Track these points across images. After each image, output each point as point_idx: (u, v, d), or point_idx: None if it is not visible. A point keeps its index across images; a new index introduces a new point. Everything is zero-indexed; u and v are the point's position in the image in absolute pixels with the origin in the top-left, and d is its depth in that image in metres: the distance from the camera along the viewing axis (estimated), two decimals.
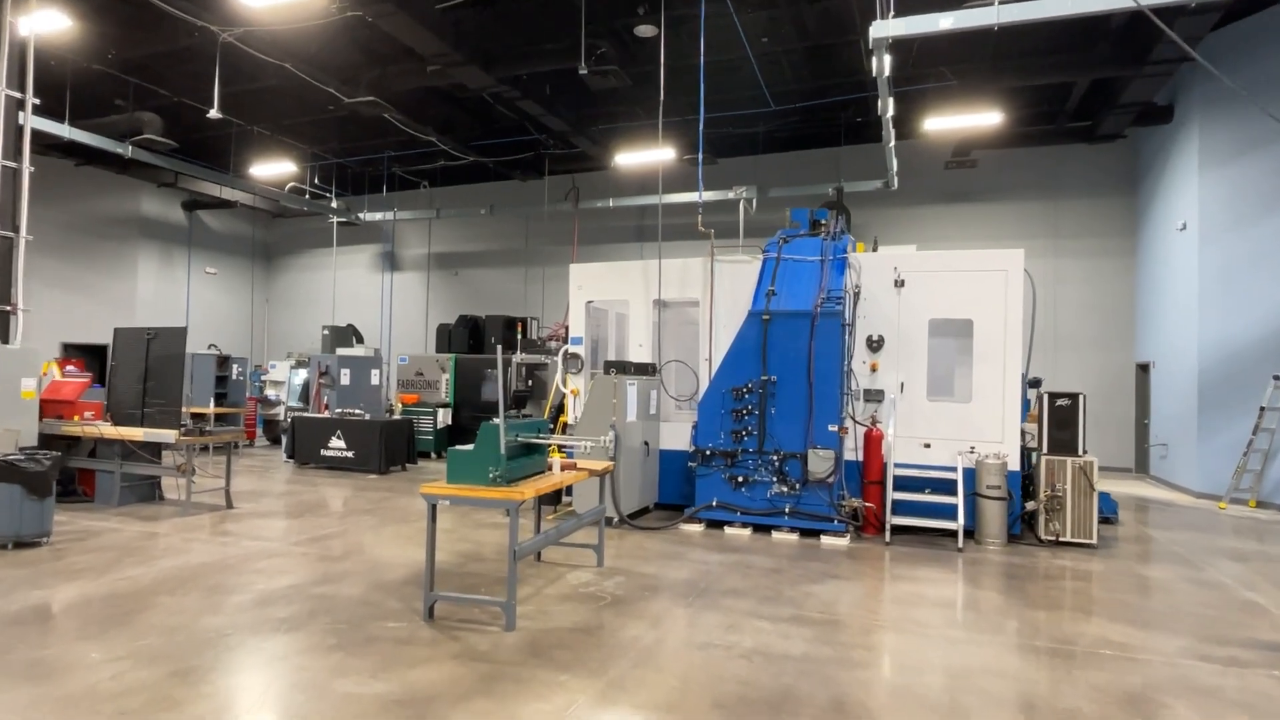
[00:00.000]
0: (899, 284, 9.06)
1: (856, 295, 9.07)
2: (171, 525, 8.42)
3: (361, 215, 20.58)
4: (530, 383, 14.74)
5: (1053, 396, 8.53)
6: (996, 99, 13.34)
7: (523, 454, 5.74)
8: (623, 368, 8.99)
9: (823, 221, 10.16)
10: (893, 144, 12.86)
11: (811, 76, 14.33)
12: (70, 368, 14.73)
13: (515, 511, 5.22)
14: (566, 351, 10.38)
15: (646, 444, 9.45)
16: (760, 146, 17.49)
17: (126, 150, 14.70)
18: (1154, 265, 14.41)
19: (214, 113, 12.09)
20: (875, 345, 9.11)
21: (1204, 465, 11.97)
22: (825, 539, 8.35)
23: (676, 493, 9.82)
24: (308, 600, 5.77)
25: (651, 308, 10.11)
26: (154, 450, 9.38)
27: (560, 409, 14.36)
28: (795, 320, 8.66)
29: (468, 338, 16.64)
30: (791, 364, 8.64)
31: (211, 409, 14.60)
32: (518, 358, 15.06)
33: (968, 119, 13.43)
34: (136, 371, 9.24)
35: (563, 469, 6.24)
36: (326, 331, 18.20)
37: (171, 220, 20.90)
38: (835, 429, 8.48)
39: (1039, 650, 5.07)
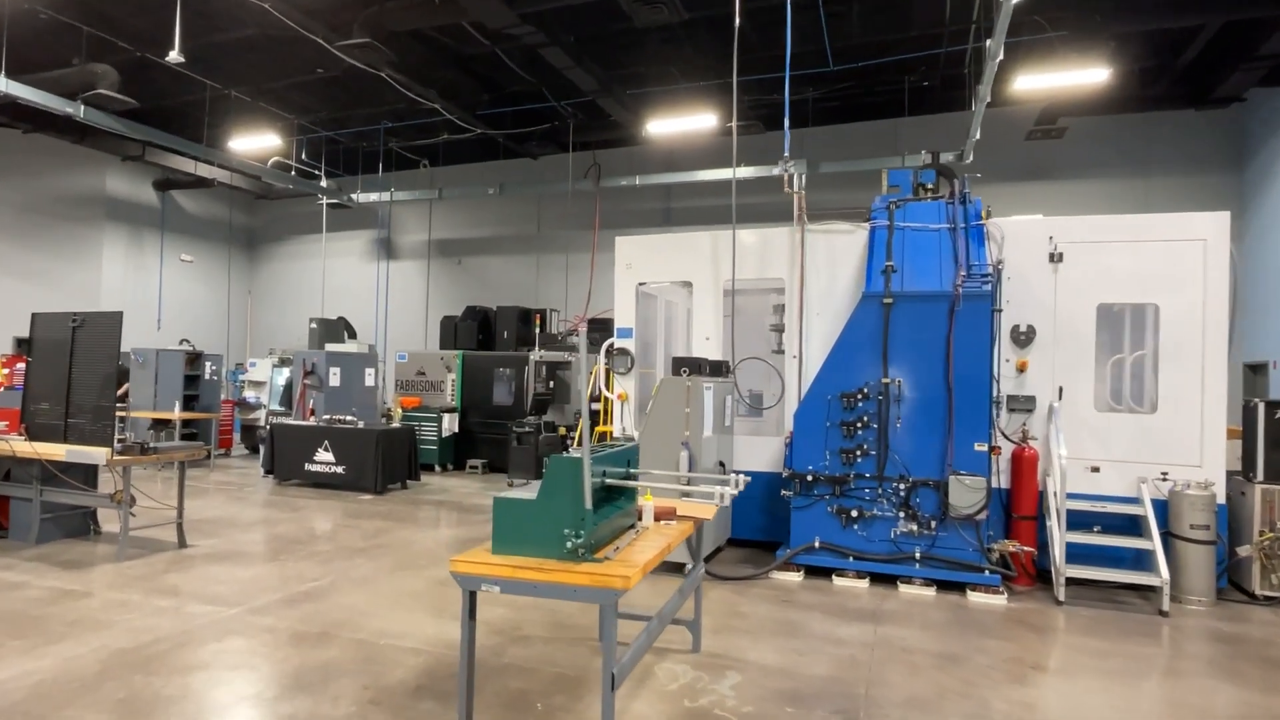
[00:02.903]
0: (1055, 258, 6.98)
1: (998, 273, 6.99)
2: (98, 576, 6.28)
3: (354, 196, 18.40)
4: (552, 384, 12.63)
5: (1271, 406, 6.46)
6: (1103, 52, 11.28)
7: (607, 502, 3.64)
8: (696, 366, 6.89)
9: (928, 185, 8.09)
10: (987, 99, 10.79)
11: (880, 28, 12.23)
12: (21, 365, 12.53)
13: (613, 609, 3.12)
14: (612, 347, 8.28)
15: (722, 465, 7.35)
16: (810, 117, 15.39)
17: (78, 110, 12.51)
18: (1270, 253, 12.36)
19: (174, 56, 9.93)
20: (1023, 338, 7.03)
21: None
22: (974, 595, 6.27)
23: (753, 526, 7.74)
24: None
25: (722, 291, 8.00)
26: (87, 471, 7.25)
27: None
28: (927, 304, 6.58)
29: (476, 332, 14.51)
30: (923, 362, 6.56)
31: (177, 414, 12.44)
32: (536, 355, 12.96)
33: (1068, 76, 11.37)
34: (59, 370, 7.09)
35: (659, 517, 4.14)
36: (314, 325, 16.04)
37: (141, 201, 18.68)
38: (984, 448, 6.40)
39: None
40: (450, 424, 13.18)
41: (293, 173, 17.26)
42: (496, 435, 13.04)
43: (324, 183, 17.91)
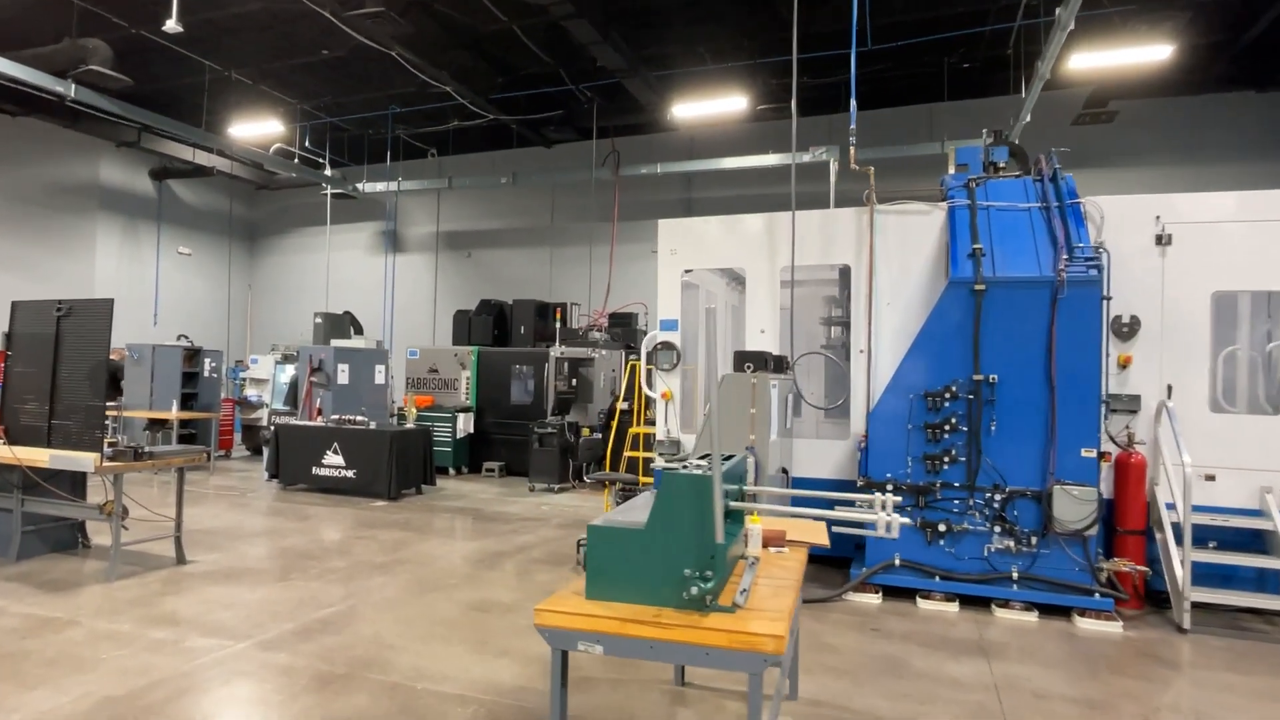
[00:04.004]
0: (1163, 240, 6.22)
1: (1105, 257, 6.22)
2: (86, 600, 5.50)
3: (360, 186, 17.60)
4: (575, 382, 11.85)
5: None
6: (1168, 27, 10.52)
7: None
8: (760, 361, 6.12)
9: (1000, 164, 7.33)
10: (1046, 76, 10.08)
11: (925, 2, 11.47)
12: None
13: (760, 681, 2.35)
14: (655, 341, 7.50)
15: (785, 472, 6.59)
16: (842, 102, 14.60)
17: (69, 89, 11.71)
18: None
19: (171, 25, 9.13)
20: (1126, 330, 6.27)
21: None
22: (1083, 621, 5.51)
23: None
24: None
25: (779, 280, 7.23)
26: (75, 479, 6.48)
27: (611, 414, 11.51)
28: (1025, 291, 5.82)
29: (492, 327, 13.72)
30: (1020, 357, 5.80)
31: (175, 414, 11.65)
32: (557, 351, 12.19)
33: (1128, 54, 10.63)
34: (43, 365, 6.31)
35: (767, 543, 3.37)
36: (319, 320, 15.25)
37: (137, 190, 17.87)
38: (1092, 454, 5.65)
39: None
40: (465, 424, 12.41)
41: (295, 159, 16.45)
42: (514, 436, 12.27)
43: (328, 171, 17.10)
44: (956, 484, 5.90)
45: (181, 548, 6.58)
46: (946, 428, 5.92)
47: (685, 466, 2.72)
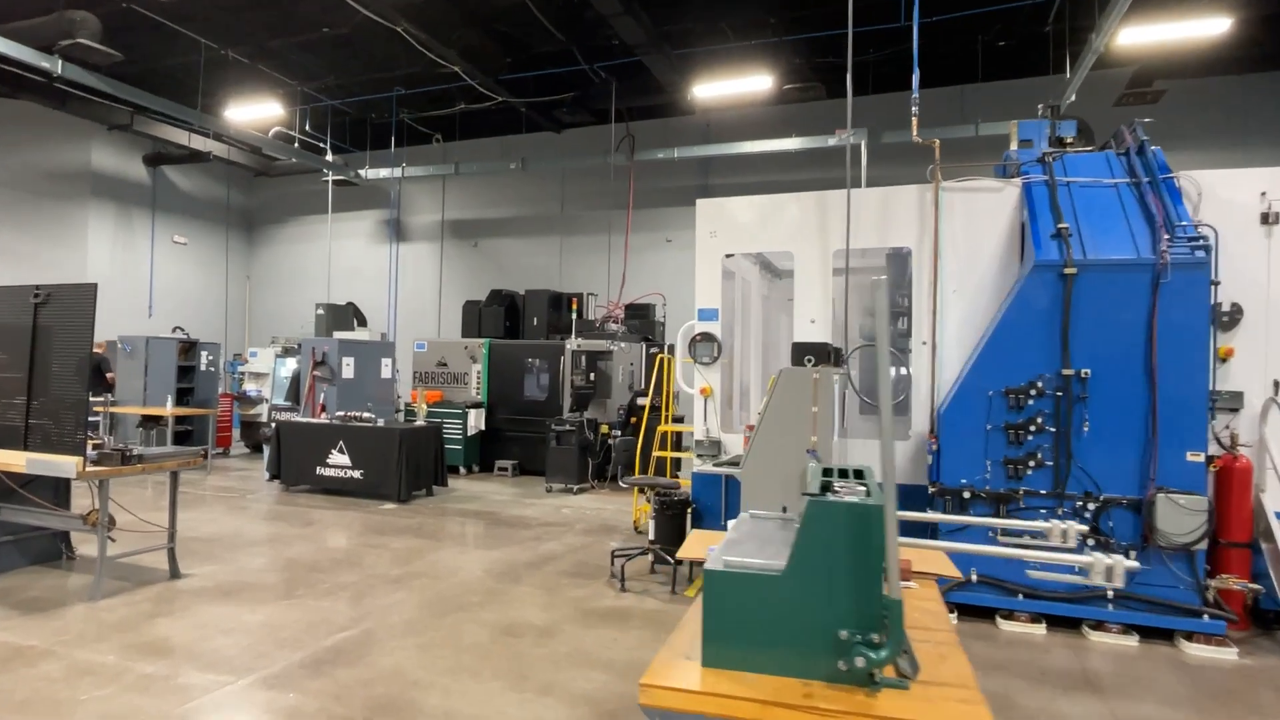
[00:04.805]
0: (1270, 220, 5.59)
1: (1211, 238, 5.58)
2: (66, 624, 4.87)
3: (362, 173, 16.91)
4: (593, 376, 11.22)
5: None
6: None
7: None
8: (822, 353, 5.49)
9: (1068, 140, 6.70)
10: (1100, 50, 9.47)
11: None
12: None
13: None
14: (694, 332, 6.86)
15: None
16: (870, 83, 13.96)
17: (55, 65, 11.02)
18: None
19: None
20: (1227, 320, 5.63)
21: None
22: (1190, 646, 4.90)
23: None
24: None
25: (831, 265, 6.58)
26: (58, 483, 5.85)
27: (631, 410, 10.85)
28: (1121, 275, 5.18)
29: (503, 319, 13.06)
30: (1116, 349, 5.17)
31: (170, 410, 11.00)
32: (573, 344, 11.55)
33: (1183, 28, 9.99)
34: (19, 358, 5.66)
35: (905, 575, 2.73)
36: (321, 311, 14.59)
37: (130, 177, 17.17)
38: (1199, 458, 5.03)
39: None
40: (476, 421, 11.77)
41: (295, 144, 15.75)
42: (528, 433, 11.64)
43: (329, 157, 16.40)
44: (1042, 491, 5.28)
45: (175, 560, 5.95)
46: (1031, 428, 5.29)
47: (835, 492, 2.09)
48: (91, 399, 11.89)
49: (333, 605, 5.36)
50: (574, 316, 12.07)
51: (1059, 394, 5.25)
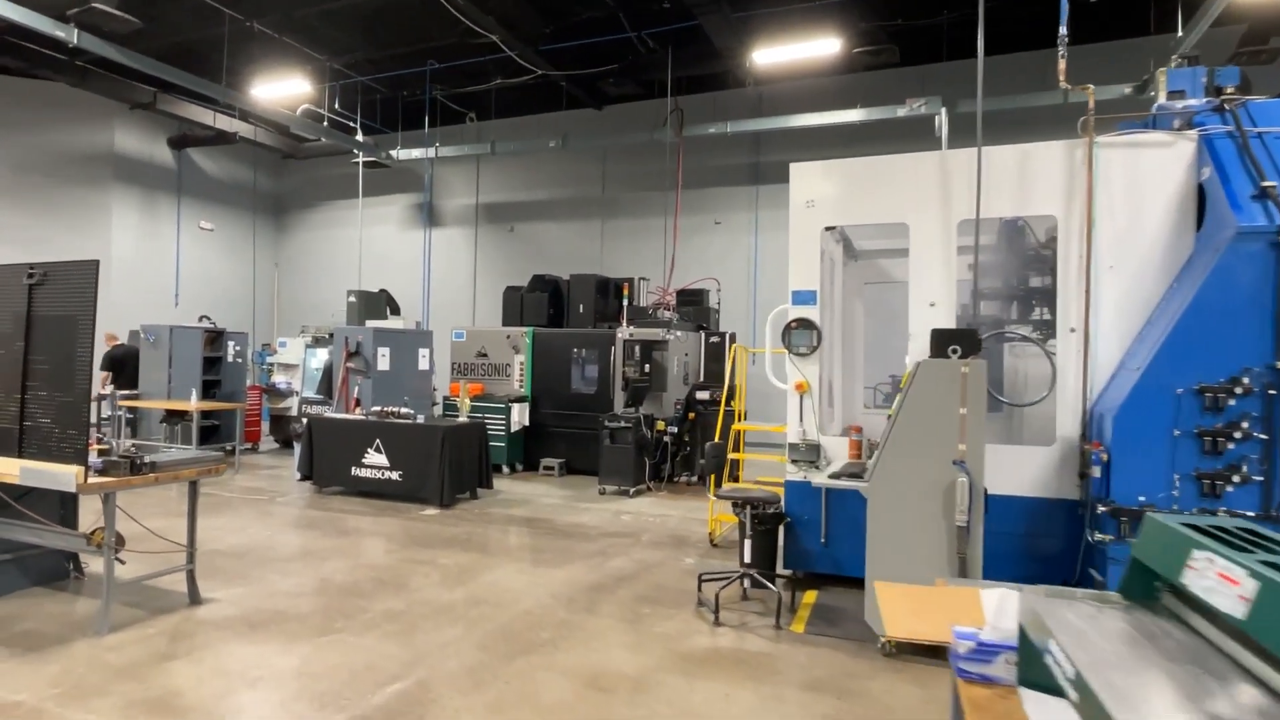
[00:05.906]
0: None
1: None
2: (63, 667, 4.05)
3: (394, 153, 16.09)
4: (647, 367, 10.30)
5: None
6: None
7: None
8: (969, 342, 4.50)
9: (1229, 88, 5.62)
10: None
11: None
12: None
13: None
14: (789, 319, 5.88)
15: (984, 490, 4.98)
16: (944, 50, 12.83)
17: (71, 35, 10.27)
18: None
19: None
20: None
21: None
22: None
23: (1012, 572, 5.35)
24: None
25: (954, 238, 5.58)
26: (64, 495, 5.04)
27: (690, 405, 9.92)
28: None
29: (547, 306, 12.17)
30: None
31: (195, 404, 10.26)
32: (625, 332, 10.63)
33: None
34: (12, 349, 4.85)
35: None
36: (353, 299, 13.81)
37: (155, 160, 16.51)
38: None
39: None
40: (520, 416, 10.90)
41: (324, 123, 14.95)
42: (577, 429, 10.75)
43: (359, 137, 15.59)
44: (1251, 513, 4.26)
45: (194, 583, 5.14)
46: (1237, 434, 4.27)
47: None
48: (116, 394, 11.23)
49: (378, 644, 4.49)
50: (624, 303, 11.12)
51: (1271, 392, 4.23)
